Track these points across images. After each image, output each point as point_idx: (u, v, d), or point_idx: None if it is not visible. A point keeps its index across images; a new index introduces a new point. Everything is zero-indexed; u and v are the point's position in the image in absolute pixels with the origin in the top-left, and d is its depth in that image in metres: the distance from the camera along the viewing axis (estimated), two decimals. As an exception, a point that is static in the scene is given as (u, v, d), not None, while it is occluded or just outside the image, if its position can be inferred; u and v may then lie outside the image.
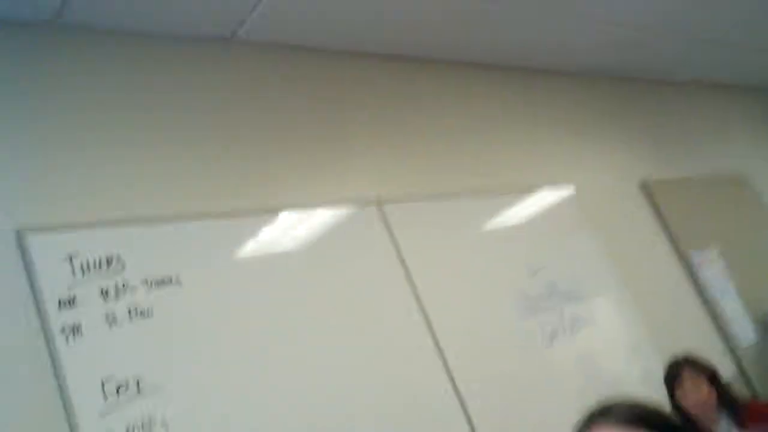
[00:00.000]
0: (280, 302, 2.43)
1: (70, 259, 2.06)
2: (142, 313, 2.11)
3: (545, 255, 3.43)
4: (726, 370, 3.81)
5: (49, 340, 1.92)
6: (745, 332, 4.20)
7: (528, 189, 3.59)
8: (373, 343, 2.59)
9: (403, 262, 2.84)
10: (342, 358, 2.47)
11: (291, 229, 2.61)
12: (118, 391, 1.95)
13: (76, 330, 1.96)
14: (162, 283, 2.20)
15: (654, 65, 4.91)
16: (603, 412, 1.29)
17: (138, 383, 1.99)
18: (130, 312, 2.09)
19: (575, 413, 1.33)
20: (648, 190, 4.28)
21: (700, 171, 4.86)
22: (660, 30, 4.36)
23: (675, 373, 2.97)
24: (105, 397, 1.92)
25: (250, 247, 2.46)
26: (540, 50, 4.05)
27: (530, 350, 3.11)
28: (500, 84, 3.95)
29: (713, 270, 4.26)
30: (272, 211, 2.59)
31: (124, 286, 2.12)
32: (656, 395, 2.96)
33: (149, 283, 2.17)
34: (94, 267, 2.10)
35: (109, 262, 2.13)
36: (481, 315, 3.02)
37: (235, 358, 2.23)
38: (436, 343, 2.76)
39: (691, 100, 5.38)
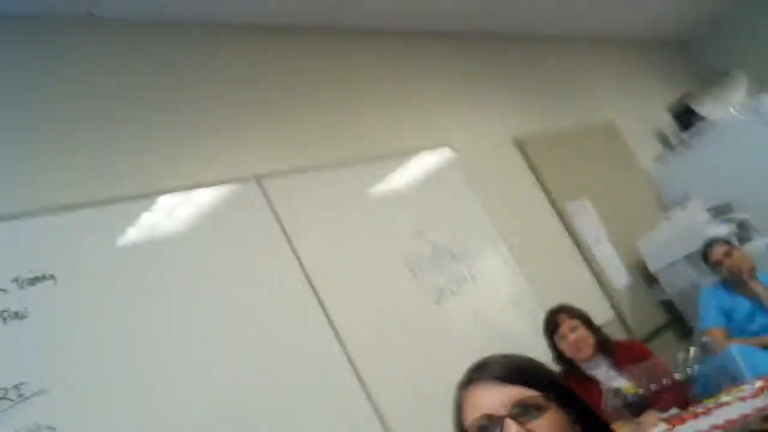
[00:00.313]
0: (166, 289, 2.37)
1: (-69, 265, 1.94)
2: (16, 315, 2.01)
3: (429, 217, 3.48)
4: (603, 313, 4.02)
5: None
6: (618, 276, 4.43)
7: (407, 153, 3.62)
8: (262, 321, 2.57)
9: (287, 235, 2.82)
10: (233, 342, 2.45)
11: (172, 212, 2.54)
12: (-4, 401, 1.87)
13: (-57, 341, 1.86)
14: (35, 281, 2.10)
15: (520, 19, 5.00)
16: (478, 370, 1.33)
17: (19, 390, 1.91)
18: (2, 315, 1.99)
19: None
20: (522, 146, 4.40)
21: (571, 122, 5.03)
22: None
23: (552, 321, 3.12)
24: (-18, 409, 1.83)
25: (129, 235, 2.38)
26: (409, 10, 4.05)
27: (420, 310, 3.17)
28: (372, 49, 3.93)
29: (586, 219, 4.45)
30: (150, 196, 2.52)
31: (-7, 287, 2.01)
32: (543, 345, 3.10)
33: (21, 282, 2.07)
34: (-41, 270, 1.98)
35: (-26, 263, 2.01)
36: (369, 280, 3.05)
37: (122, 354, 2.16)
38: (326, 312, 2.77)
39: (559, 54, 5.54)
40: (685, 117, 5.66)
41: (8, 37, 2.47)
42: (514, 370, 1.30)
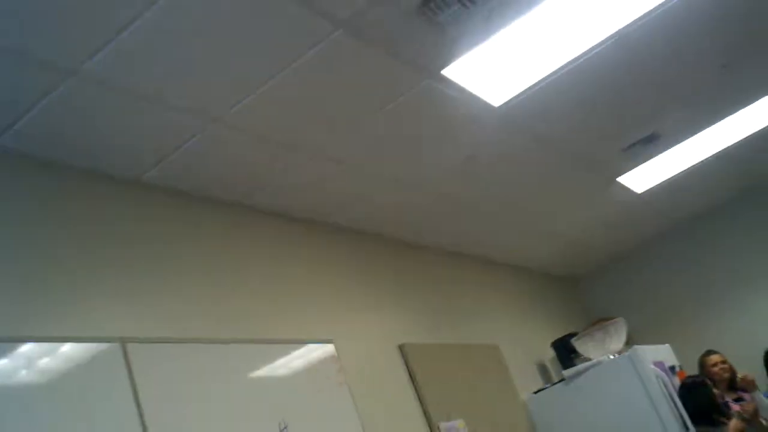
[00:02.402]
0: None
1: None
2: None
3: (298, 413, 3.33)
4: None
5: None
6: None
7: (287, 343, 3.53)
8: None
9: (139, 406, 2.66)
10: None
11: (31, 361, 2.44)
12: None
13: None
14: None
15: (419, 230, 5.13)
16: None
17: None
18: None
19: None
20: (405, 355, 4.36)
21: (456, 338, 5.06)
22: (434, 199, 4.65)
23: None
24: None
25: None
26: (306, 199, 4.08)
27: None
28: (266, 231, 3.92)
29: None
30: (9, 341, 2.41)
31: None
32: None
33: None
34: None
35: None
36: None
37: None
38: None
39: (453, 269, 5.67)
40: (567, 354, 5.81)
41: None
42: None
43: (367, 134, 3.59)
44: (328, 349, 3.76)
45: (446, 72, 3.26)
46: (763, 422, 4.67)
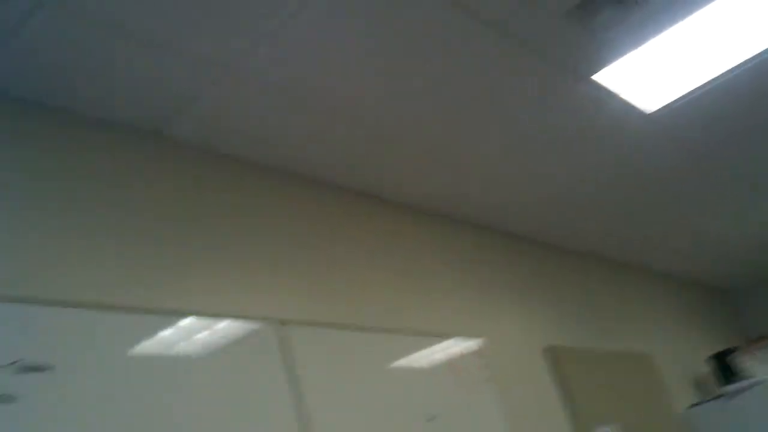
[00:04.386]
0: (164, 407, 2.36)
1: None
2: (3, 398, 2.02)
3: (444, 404, 3.40)
4: None
5: None
6: None
7: (436, 335, 3.62)
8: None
9: (297, 384, 2.79)
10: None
11: (189, 334, 2.57)
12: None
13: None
14: (34, 368, 2.11)
15: (574, 234, 5.14)
16: None
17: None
18: (-7, 395, 1.99)
19: None
20: (553, 357, 4.36)
21: (606, 345, 4.98)
22: (583, 203, 4.62)
23: None
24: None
25: (142, 346, 2.40)
26: (467, 202, 4.22)
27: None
28: (421, 227, 4.05)
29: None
30: (171, 314, 2.55)
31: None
32: None
33: (19, 366, 2.09)
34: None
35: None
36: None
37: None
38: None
39: (604, 275, 5.59)
40: (724, 370, 5.55)
41: (83, 141, 2.65)
42: None
43: (514, 135, 3.62)
44: (475, 345, 3.82)
45: (597, 77, 3.24)
46: None
